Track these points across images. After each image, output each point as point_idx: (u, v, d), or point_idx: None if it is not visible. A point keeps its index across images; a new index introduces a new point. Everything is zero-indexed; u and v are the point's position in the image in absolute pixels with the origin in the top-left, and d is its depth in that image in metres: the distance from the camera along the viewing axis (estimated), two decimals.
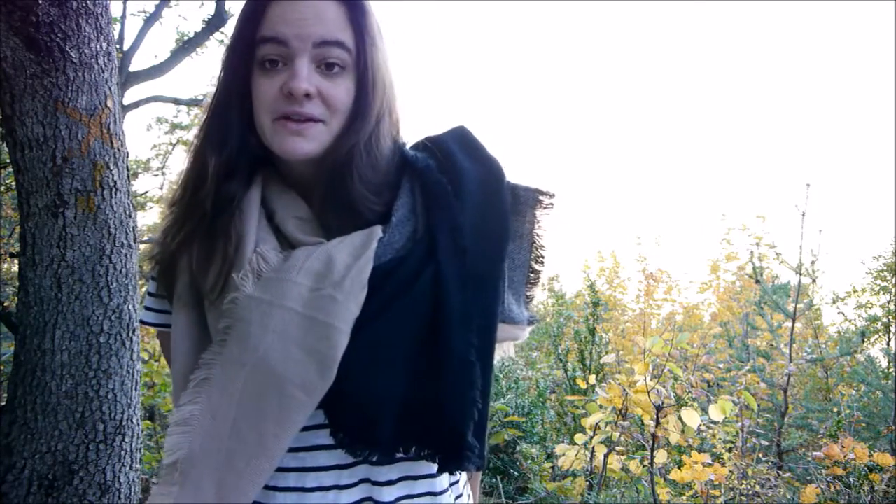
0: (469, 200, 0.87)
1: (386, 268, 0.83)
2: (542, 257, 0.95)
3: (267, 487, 0.86)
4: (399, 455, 0.84)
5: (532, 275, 0.95)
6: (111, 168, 2.04)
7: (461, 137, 0.93)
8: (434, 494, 0.91)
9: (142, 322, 1.02)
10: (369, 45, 0.85)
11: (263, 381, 0.79)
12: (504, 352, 0.94)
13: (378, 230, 0.84)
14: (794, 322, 4.05)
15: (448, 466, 0.83)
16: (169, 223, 0.92)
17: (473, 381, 0.82)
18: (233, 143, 0.88)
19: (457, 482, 0.96)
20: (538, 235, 0.94)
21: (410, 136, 0.95)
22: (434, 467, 0.88)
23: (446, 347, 0.81)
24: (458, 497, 0.96)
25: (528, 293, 0.95)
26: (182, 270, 0.90)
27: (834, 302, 8.29)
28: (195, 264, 0.88)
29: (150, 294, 1.00)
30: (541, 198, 0.94)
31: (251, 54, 0.85)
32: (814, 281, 4.14)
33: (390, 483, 0.88)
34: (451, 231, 0.84)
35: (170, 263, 0.91)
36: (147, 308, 1.01)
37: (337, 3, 0.84)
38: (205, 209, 0.87)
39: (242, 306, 0.81)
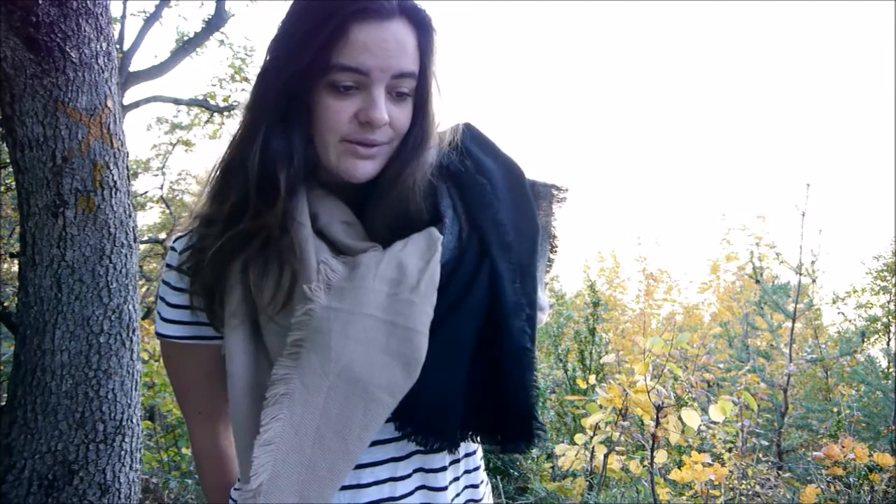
0: (503, 198, 0.91)
1: (448, 268, 0.86)
2: (557, 247, 1.01)
3: None
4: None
5: (548, 263, 1.01)
6: (111, 168, 2.04)
7: (473, 136, 0.96)
8: (469, 472, 0.99)
9: (165, 336, 0.96)
10: (431, 72, 0.87)
11: (349, 388, 0.81)
12: None
13: (437, 233, 0.87)
14: (794, 322, 4.05)
15: (516, 447, 0.88)
16: (216, 242, 0.88)
17: (532, 366, 0.88)
18: (299, 160, 0.86)
19: (482, 456, 1.04)
20: (553, 227, 1.00)
21: None
22: (472, 446, 0.97)
23: (507, 337, 0.86)
24: (482, 468, 1.03)
25: (546, 280, 1.01)
26: (233, 285, 0.87)
27: (834, 302, 8.29)
28: (253, 279, 0.86)
29: (172, 305, 0.95)
30: (555, 192, 1.00)
31: (323, 75, 0.83)
32: (814, 281, 4.14)
33: (443, 469, 0.94)
34: (497, 228, 0.89)
35: (220, 279, 0.88)
36: (169, 320, 0.95)
37: (412, 29, 0.84)
38: (270, 229, 0.85)
39: (319, 317, 0.81)
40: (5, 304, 3.25)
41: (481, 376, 0.86)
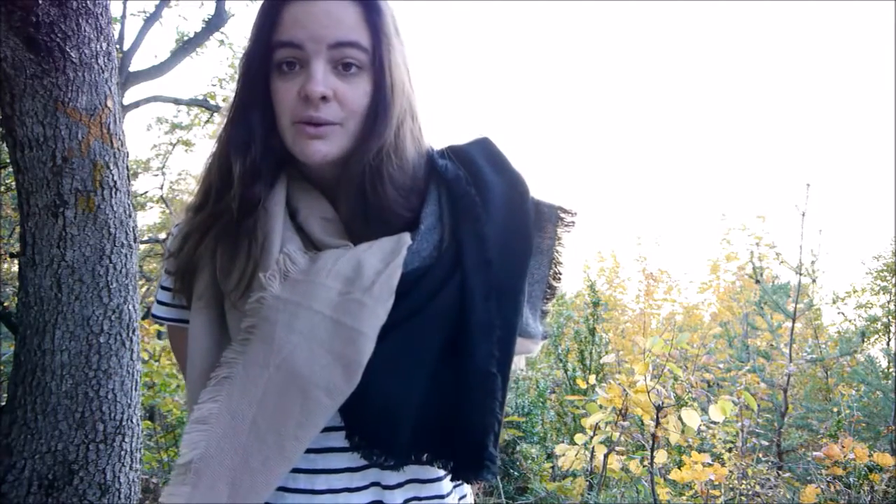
0: (495, 214, 0.87)
1: (413, 275, 0.83)
2: (560, 274, 0.96)
3: (277, 488, 0.86)
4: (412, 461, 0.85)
5: (548, 290, 0.95)
6: (111, 168, 2.04)
7: (486, 150, 0.94)
8: (441, 497, 0.92)
9: (154, 316, 1.01)
10: (385, 44, 0.85)
11: (287, 382, 0.79)
12: (516, 365, 0.93)
13: (407, 237, 0.84)
14: (794, 322, 4.05)
15: (465, 475, 0.84)
16: (192, 227, 0.91)
17: (494, 392, 0.83)
18: (256, 146, 0.87)
19: (461, 483, 0.97)
20: (558, 252, 0.95)
21: (431, 142, 0.94)
22: (440, 471, 0.90)
23: (469, 358, 0.82)
24: (462, 497, 0.97)
25: (544, 308, 0.96)
26: (203, 269, 0.89)
27: (834, 302, 8.29)
28: (219, 264, 0.88)
29: (163, 287, 0.99)
30: (562, 215, 0.95)
31: (269, 58, 0.85)
32: (814, 281, 4.14)
33: (399, 486, 0.89)
34: (478, 243, 0.85)
35: (190, 262, 0.91)
36: (159, 302, 1.00)
37: (352, 3, 0.84)
38: (231, 212, 0.87)
39: (269, 306, 0.81)
40: (5, 304, 3.25)
41: (438, 395, 0.82)
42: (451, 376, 0.82)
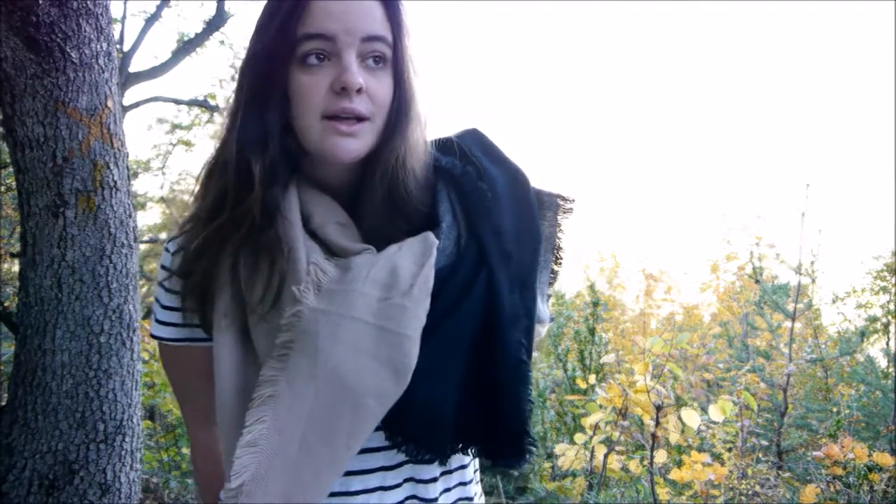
0: (504, 206, 0.89)
1: (443, 274, 0.84)
2: (562, 259, 0.99)
3: None
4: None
5: (552, 275, 0.99)
6: (111, 168, 2.04)
7: (480, 142, 0.94)
8: (465, 484, 0.96)
9: (159, 339, 0.96)
10: (405, 41, 0.86)
11: (336, 393, 0.79)
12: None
13: (432, 237, 0.85)
14: (793, 322, 4.05)
15: (509, 462, 0.87)
16: (207, 239, 0.86)
17: (527, 380, 0.86)
18: (274, 147, 0.84)
19: (477, 469, 1.01)
20: (559, 238, 0.98)
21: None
22: (465, 459, 0.94)
23: (502, 350, 0.84)
24: (476, 482, 1.01)
25: (549, 293, 0.99)
26: (223, 285, 0.86)
27: (834, 302, 8.28)
28: (243, 276, 0.85)
29: (165, 307, 0.94)
30: (561, 202, 0.97)
31: (290, 52, 0.82)
32: (813, 281, 4.14)
33: (434, 480, 0.91)
34: (496, 236, 0.87)
35: (209, 279, 0.87)
36: (162, 322, 0.95)
37: (375, 0, 0.84)
38: (252, 218, 0.84)
39: (308, 319, 0.79)
40: (5, 304, 3.25)
41: (474, 388, 0.84)
42: (486, 368, 0.84)
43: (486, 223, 0.87)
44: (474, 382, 0.84)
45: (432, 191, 0.89)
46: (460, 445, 0.86)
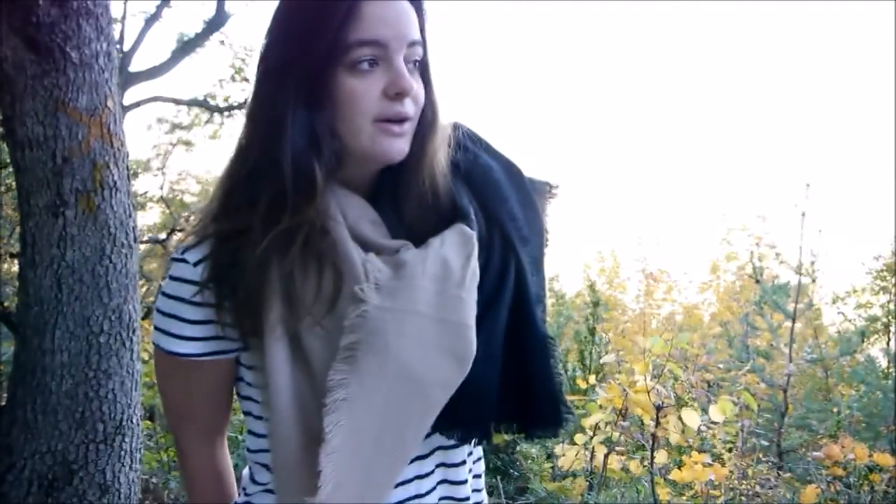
0: (510, 194, 0.95)
1: (480, 262, 0.87)
2: (548, 241, 1.04)
3: None
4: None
5: None
6: (111, 168, 2.04)
7: (470, 135, 0.97)
8: (476, 477, 1.02)
9: (182, 355, 0.89)
10: (428, 45, 0.89)
11: (406, 388, 0.81)
12: None
13: (467, 229, 0.88)
14: (794, 322, 4.05)
15: (549, 431, 0.93)
16: (267, 249, 0.82)
17: (555, 353, 0.92)
18: (328, 149, 0.84)
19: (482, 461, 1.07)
20: (546, 222, 1.03)
21: None
22: (479, 451, 1.01)
23: (533, 329, 0.90)
24: (481, 476, 1.05)
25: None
26: (272, 294, 0.83)
27: (834, 302, 8.29)
28: (298, 283, 0.83)
29: (192, 322, 0.88)
30: (549, 189, 1.05)
31: (341, 57, 0.82)
32: (814, 281, 4.14)
33: (463, 463, 0.96)
34: (514, 223, 0.92)
35: (258, 286, 0.83)
36: (186, 338, 0.89)
37: (411, 4, 0.87)
38: (313, 224, 0.82)
39: (374, 318, 0.80)
40: (5, 304, 3.25)
41: (514, 365, 0.88)
42: (518, 346, 0.89)
43: (503, 210, 0.92)
44: (511, 360, 0.88)
45: (450, 186, 0.93)
46: (507, 423, 0.91)
